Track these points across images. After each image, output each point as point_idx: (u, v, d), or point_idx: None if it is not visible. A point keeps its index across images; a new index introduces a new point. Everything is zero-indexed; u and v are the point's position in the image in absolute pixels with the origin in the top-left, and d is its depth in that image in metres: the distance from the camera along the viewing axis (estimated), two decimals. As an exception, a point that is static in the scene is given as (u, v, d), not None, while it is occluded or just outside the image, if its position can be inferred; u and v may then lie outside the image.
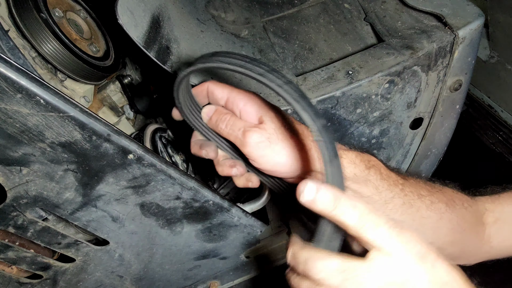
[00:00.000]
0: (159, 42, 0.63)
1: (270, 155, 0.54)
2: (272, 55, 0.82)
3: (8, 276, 0.68)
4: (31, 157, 0.54)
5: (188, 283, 0.90)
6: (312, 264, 0.43)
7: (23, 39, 0.71)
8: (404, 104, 0.77)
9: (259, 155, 0.54)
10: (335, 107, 0.70)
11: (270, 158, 0.54)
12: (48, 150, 0.54)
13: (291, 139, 0.55)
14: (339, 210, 0.42)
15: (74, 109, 0.51)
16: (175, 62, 0.64)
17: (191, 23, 0.79)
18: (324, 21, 0.92)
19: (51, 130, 0.51)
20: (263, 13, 0.95)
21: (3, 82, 0.45)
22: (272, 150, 0.54)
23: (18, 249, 0.64)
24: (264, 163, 0.55)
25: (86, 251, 0.70)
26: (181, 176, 0.64)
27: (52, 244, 0.66)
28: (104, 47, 0.90)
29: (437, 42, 0.72)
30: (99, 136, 0.54)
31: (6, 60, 0.45)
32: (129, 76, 1.06)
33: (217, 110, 0.58)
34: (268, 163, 0.55)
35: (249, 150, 0.54)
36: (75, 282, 0.74)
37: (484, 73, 1.67)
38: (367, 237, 0.41)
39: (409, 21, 0.80)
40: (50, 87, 0.49)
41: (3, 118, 0.48)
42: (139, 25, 0.61)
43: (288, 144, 0.55)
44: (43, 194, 0.59)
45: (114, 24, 0.59)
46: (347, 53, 0.86)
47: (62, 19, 0.79)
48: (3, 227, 0.60)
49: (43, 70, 0.75)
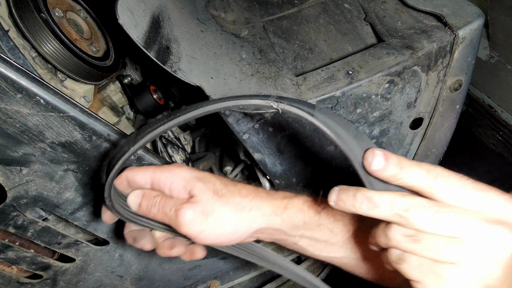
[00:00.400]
0: (159, 42, 0.63)
1: (209, 229, 0.49)
2: (272, 55, 0.82)
3: (8, 276, 0.68)
4: (31, 157, 0.54)
5: (188, 283, 0.90)
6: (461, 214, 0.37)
7: (23, 39, 0.71)
8: (404, 104, 0.77)
9: (197, 232, 0.49)
10: (335, 107, 0.70)
11: (210, 232, 0.49)
12: (48, 150, 0.54)
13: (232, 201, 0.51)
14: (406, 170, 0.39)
15: (74, 109, 0.51)
16: (175, 62, 0.64)
17: (191, 23, 0.79)
18: (324, 21, 0.92)
19: (51, 130, 0.51)
20: (263, 13, 0.95)
21: (3, 82, 0.45)
22: (210, 223, 0.49)
23: (18, 249, 0.64)
24: (205, 238, 0.50)
25: (86, 251, 0.70)
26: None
27: (52, 244, 0.66)
28: (104, 47, 0.90)
29: (437, 42, 0.72)
30: (99, 136, 0.54)
31: (6, 60, 0.45)
32: (129, 76, 1.06)
33: (145, 194, 0.52)
34: (210, 237, 0.50)
35: (186, 230, 0.49)
36: (75, 282, 0.74)
37: (484, 73, 1.67)
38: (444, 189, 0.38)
39: (409, 21, 0.80)
40: (50, 87, 0.49)
41: (3, 118, 0.48)
42: (139, 25, 0.61)
43: (229, 209, 0.50)
44: (43, 194, 0.59)
45: (114, 24, 0.59)
46: (347, 53, 0.86)
47: (62, 19, 0.79)
48: (3, 227, 0.60)
49: (43, 70, 0.75)
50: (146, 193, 0.52)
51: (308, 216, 0.55)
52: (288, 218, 0.54)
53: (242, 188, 0.53)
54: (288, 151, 0.74)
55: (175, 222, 0.49)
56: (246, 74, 0.75)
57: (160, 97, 1.06)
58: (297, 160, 0.77)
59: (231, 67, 0.75)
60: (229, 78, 0.72)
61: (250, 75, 0.75)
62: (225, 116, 0.65)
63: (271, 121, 0.68)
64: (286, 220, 0.54)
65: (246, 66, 0.77)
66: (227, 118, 0.66)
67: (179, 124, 0.45)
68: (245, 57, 0.80)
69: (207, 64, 0.72)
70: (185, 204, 0.49)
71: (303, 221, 0.54)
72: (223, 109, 0.45)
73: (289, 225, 0.54)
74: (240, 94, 0.56)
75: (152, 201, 0.51)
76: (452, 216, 0.37)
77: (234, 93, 0.69)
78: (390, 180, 0.41)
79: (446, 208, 0.38)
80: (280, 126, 0.69)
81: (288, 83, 0.72)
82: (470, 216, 0.37)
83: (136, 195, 0.52)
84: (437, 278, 0.37)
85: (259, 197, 0.53)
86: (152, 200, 0.51)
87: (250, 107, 0.45)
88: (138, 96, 1.01)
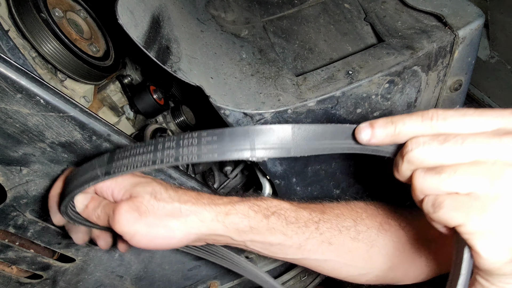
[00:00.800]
0: (159, 42, 0.63)
1: (143, 231, 0.48)
2: (272, 55, 0.82)
3: (8, 276, 0.68)
4: (31, 157, 0.54)
5: (188, 283, 0.89)
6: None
7: (23, 39, 0.71)
8: (404, 104, 0.77)
9: (132, 232, 0.48)
10: (335, 107, 0.70)
11: (144, 234, 0.48)
12: (48, 150, 0.54)
13: (171, 206, 0.50)
14: (399, 124, 0.38)
15: (74, 109, 0.51)
16: (175, 62, 0.64)
17: (191, 23, 0.79)
18: (324, 21, 0.92)
19: (51, 130, 0.51)
20: (263, 13, 0.95)
21: (3, 82, 0.45)
22: (144, 224, 0.48)
23: (18, 249, 0.64)
24: (139, 240, 0.48)
25: (86, 251, 0.70)
26: (181, 176, 0.64)
27: (52, 244, 0.66)
28: (104, 47, 0.90)
29: (437, 42, 0.72)
30: (99, 136, 0.54)
31: (6, 60, 0.45)
32: (129, 76, 1.06)
33: (93, 197, 0.53)
34: (144, 239, 0.48)
35: (120, 228, 0.47)
36: (75, 282, 0.74)
37: (484, 73, 1.67)
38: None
39: (409, 21, 0.80)
40: (50, 87, 0.49)
41: (3, 118, 0.48)
42: (139, 25, 0.61)
43: (165, 213, 0.49)
44: (43, 194, 0.59)
45: (114, 24, 0.59)
46: (347, 53, 0.86)
47: (62, 19, 0.79)
48: (3, 227, 0.60)
49: (43, 70, 0.75)
50: (94, 197, 0.53)
51: (255, 221, 0.53)
52: (232, 224, 0.52)
53: (184, 194, 0.52)
54: (288, 151, 0.74)
55: (112, 220, 0.48)
56: (246, 74, 0.75)
57: (160, 97, 1.06)
58: (297, 160, 0.77)
59: (231, 67, 0.75)
60: (229, 78, 0.72)
61: (250, 75, 0.75)
62: (225, 116, 0.65)
63: (271, 121, 0.68)
64: (229, 226, 0.52)
65: (246, 66, 0.77)
66: (227, 118, 0.66)
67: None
68: (245, 57, 0.80)
69: (207, 64, 0.72)
70: (122, 201, 0.49)
71: (250, 226, 0.53)
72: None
73: (233, 231, 0.53)
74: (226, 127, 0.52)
75: (97, 203, 0.51)
76: (460, 141, 0.35)
77: (234, 92, 0.69)
78: (390, 140, 0.40)
79: (451, 136, 0.36)
80: (280, 126, 0.69)
81: (288, 83, 0.72)
82: (480, 136, 0.35)
83: (84, 197, 0.52)
84: (480, 212, 0.34)
85: (200, 203, 0.52)
86: (97, 202, 0.52)
87: None
88: (138, 96, 1.01)
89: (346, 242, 0.59)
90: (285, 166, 0.77)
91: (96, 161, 0.45)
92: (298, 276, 1.06)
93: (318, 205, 0.61)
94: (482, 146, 0.35)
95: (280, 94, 0.70)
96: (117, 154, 0.44)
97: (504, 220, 0.33)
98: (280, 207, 0.56)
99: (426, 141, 0.37)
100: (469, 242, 0.36)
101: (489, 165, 0.34)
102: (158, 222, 0.49)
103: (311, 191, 0.83)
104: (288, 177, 0.78)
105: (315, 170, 0.80)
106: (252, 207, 0.54)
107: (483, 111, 0.37)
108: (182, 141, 0.41)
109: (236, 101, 0.67)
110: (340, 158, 0.80)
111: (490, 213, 0.34)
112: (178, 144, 0.41)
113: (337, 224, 0.59)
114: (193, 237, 0.51)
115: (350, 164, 0.82)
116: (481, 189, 0.34)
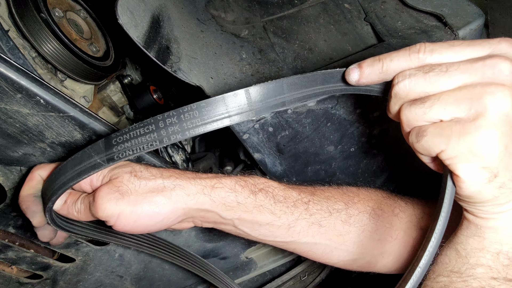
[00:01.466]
0: (159, 42, 0.63)
1: (127, 210, 0.45)
2: (272, 55, 0.82)
3: (8, 276, 0.68)
4: (31, 157, 0.54)
5: (188, 283, 0.89)
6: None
7: (23, 39, 0.71)
8: (404, 104, 0.78)
9: (115, 214, 0.45)
10: (335, 107, 0.70)
11: (129, 213, 0.45)
12: (48, 150, 0.54)
13: (154, 182, 0.47)
14: (386, 60, 0.38)
15: (74, 109, 0.51)
16: (175, 62, 0.64)
17: (191, 23, 0.79)
18: (324, 21, 0.92)
19: (51, 130, 0.51)
20: (263, 13, 0.95)
21: (3, 82, 0.45)
22: (128, 203, 0.45)
23: (18, 249, 0.64)
24: (125, 222, 0.46)
25: (86, 251, 0.70)
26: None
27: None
28: (104, 47, 0.90)
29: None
30: (99, 136, 0.54)
31: (6, 60, 0.45)
32: (129, 76, 1.06)
33: (71, 192, 0.50)
34: (129, 219, 0.46)
35: (102, 212, 0.45)
36: (75, 282, 0.74)
37: (484, 73, 1.67)
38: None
39: (409, 21, 0.80)
40: (50, 87, 0.49)
41: (3, 118, 0.48)
42: (139, 25, 0.61)
43: (149, 189, 0.47)
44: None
45: (114, 24, 0.59)
46: (347, 53, 0.86)
47: (62, 19, 0.79)
48: (3, 227, 0.60)
49: (43, 70, 0.75)
50: (71, 192, 0.51)
51: (242, 196, 0.50)
52: (218, 198, 0.49)
53: (165, 170, 0.50)
54: (288, 151, 0.74)
55: (93, 207, 0.46)
56: (246, 74, 0.75)
57: (160, 97, 1.06)
58: (297, 160, 0.77)
59: (231, 67, 0.75)
60: (229, 78, 0.72)
61: (250, 75, 0.75)
62: None
63: (271, 121, 0.68)
64: (216, 200, 0.49)
65: (246, 66, 0.77)
66: (227, 118, 0.65)
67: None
68: (245, 57, 0.80)
69: (207, 64, 0.72)
70: (102, 185, 0.47)
71: (237, 202, 0.50)
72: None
73: (221, 206, 0.50)
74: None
75: (76, 196, 0.50)
76: (444, 69, 0.35)
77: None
78: (380, 78, 0.40)
79: (436, 66, 0.36)
80: (280, 126, 0.69)
81: (288, 83, 0.72)
82: (464, 63, 0.35)
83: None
84: (459, 135, 0.34)
85: (184, 177, 0.49)
86: (76, 195, 0.50)
87: None
88: (138, 96, 1.02)
89: (337, 225, 0.57)
90: (285, 166, 0.77)
91: (91, 149, 0.42)
92: (298, 276, 1.06)
93: (308, 187, 0.59)
94: (466, 71, 0.35)
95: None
96: (114, 139, 0.41)
97: (482, 140, 0.33)
98: (268, 185, 0.54)
99: (411, 73, 0.37)
100: (451, 168, 0.36)
101: (470, 88, 0.34)
102: (141, 199, 0.46)
103: (311, 191, 0.83)
104: (288, 177, 0.78)
105: (315, 170, 0.80)
106: (238, 182, 0.52)
107: (471, 41, 0.37)
108: (183, 115, 0.39)
109: (236, 101, 0.67)
110: (340, 158, 0.80)
111: (469, 135, 0.34)
112: (180, 119, 0.39)
113: (327, 206, 0.57)
114: (181, 213, 0.48)
115: (350, 164, 0.82)
116: (462, 113, 0.34)
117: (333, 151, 0.77)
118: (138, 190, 0.47)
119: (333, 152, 0.78)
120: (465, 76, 0.35)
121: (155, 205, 0.47)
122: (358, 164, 0.83)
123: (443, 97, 0.35)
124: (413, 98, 0.37)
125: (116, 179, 0.47)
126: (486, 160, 0.34)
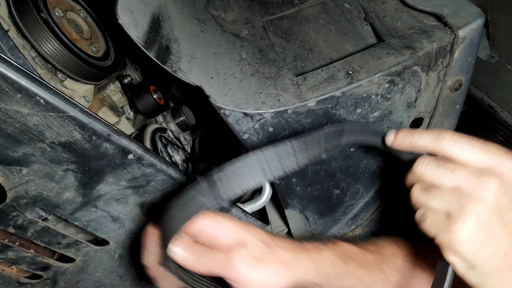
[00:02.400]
0: (159, 42, 0.63)
1: (257, 276, 0.49)
2: (272, 55, 0.82)
3: (8, 276, 0.68)
4: (31, 157, 0.54)
5: (188, 283, 0.89)
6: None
7: (23, 39, 0.71)
8: (404, 104, 0.77)
9: (247, 278, 0.48)
10: (335, 107, 0.70)
11: (259, 280, 0.49)
12: (48, 150, 0.54)
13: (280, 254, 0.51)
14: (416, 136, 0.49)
15: (74, 109, 0.51)
16: (175, 62, 0.64)
17: (191, 23, 0.79)
18: (324, 21, 0.92)
19: (51, 130, 0.51)
20: (263, 13, 0.95)
21: (3, 82, 0.45)
22: (260, 270, 0.49)
23: (18, 249, 0.64)
24: (252, 286, 0.49)
25: (86, 251, 0.70)
26: (181, 176, 0.64)
27: (52, 244, 0.66)
28: (104, 47, 0.90)
29: (437, 42, 0.72)
30: (99, 136, 0.54)
31: (6, 60, 0.45)
32: (129, 76, 1.06)
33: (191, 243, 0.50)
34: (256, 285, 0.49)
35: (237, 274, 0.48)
36: (75, 282, 0.74)
37: (484, 73, 1.67)
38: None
39: (409, 21, 0.80)
40: (50, 87, 0.49)
41: (3, 118, 0.48)
42: (139, 25, 0.61)
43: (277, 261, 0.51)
44: (43, 194, 0.59)
45: (114, 24, 0.59)
46: (347, 53, 0.86)
47: (62, 19, 0.79)
48: (3, 227, 0.60)
49: (43, 70, 0.75)
50: (191, 243, 0.50)
51: (341, 268, 0.56)
52: (323, 271, 0.55)
53: (283, 241, 0.54)
54: (288, 151, 0.74)
55: (226, 266, 0.48)
56: (246, 74, 0.75)
57: (160, 97, 1.06)
58: (297, 160, 0.77)
59: (231, 67, 0.75)
60: (229, 78, 0.72)
61: (250, 75, 0.75)
62: (225, 116, 0.65)
63: (271, 121, 0.68)
64: (321, 273, 0.54)
65: (246, 66, 0.77)
66: (227, 118, 0.66)
67: None
68: (245, 57, 0.80)
69: (207, 64, 0.72)
70: (238, 248, 0.49)
71: (336, 274, 0.55)
72: None
73: (322, 277, 0.55)
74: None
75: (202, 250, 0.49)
76: (452, 168, 0.45)
77: (234, 92, 0.69)
78: (409, 147, 0.51)
79: (449, 163, 0.46)
80: (280, 126, 0.69)
81: (288, 83, 0.72)
82: (468, 170, 0.44)
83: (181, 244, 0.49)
84: (445, 230, 0.44)
85: (299, 252, 0.54)
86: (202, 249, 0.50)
87: None
88: (138, 96, 1.02)
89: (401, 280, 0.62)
90: (285, 166, 0.77)
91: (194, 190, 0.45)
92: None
93: (373, 246, 0.65)
94: (465, 179, 0.44)
95: (280, 94, 0.70)
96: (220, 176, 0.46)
97: (461, 238, 0.43)
98: (353, 252, 0.60)
99: (429, 162, 0.48)
100: (442, 251, 0.45)
101: (463, 195, 0.44)
102: (272, 269, 0.50)
103: (311, 191, 0.83)
104: (288, 177, 0.78)
105: (315, 170, 0.80)
106: (331, 250, 0.57)
107: (488, 148, 0.46)
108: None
109: (236, 101, 0.67)
110: (340, 158, 0.80)
111: (451, 233, 0.43)
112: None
113: (391, 261, 0.63)
114: (292, 286, 0.52)
115: (350, 164, 0.82)
116: (453, 209, 0.44)
117: (333, 151, 0.77)
118: (271, 261, 0.50)
119: (333, 152, 0.78)
120: (463, 183, 0.44)
121: (280, 278, 0.50)
122: (358, 164, 0.83)
123: (443, 193, 0.45)
124: (424, 180, 0.48)
125: (253, 247, 0.50)
126: (463, 255, 0.43)
